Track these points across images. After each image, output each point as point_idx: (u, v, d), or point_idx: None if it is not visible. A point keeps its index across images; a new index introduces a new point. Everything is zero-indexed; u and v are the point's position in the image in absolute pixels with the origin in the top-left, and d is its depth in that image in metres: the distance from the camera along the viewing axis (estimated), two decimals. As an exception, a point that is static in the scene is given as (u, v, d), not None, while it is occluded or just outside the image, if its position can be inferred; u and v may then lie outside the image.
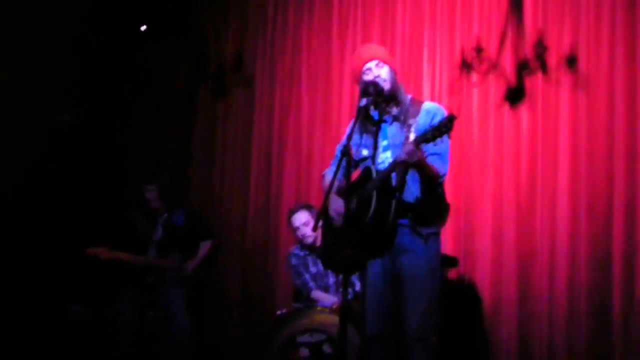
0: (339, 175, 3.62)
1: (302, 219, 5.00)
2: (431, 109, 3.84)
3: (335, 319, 4.25)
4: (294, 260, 5.05)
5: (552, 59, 4.98)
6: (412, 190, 3.72)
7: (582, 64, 4.89)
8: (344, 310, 3.40)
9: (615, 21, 4.85)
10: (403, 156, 3.46)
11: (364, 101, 3.69)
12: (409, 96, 3.94)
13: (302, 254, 5.06)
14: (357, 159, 3.87)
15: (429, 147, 3.56)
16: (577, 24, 4.93)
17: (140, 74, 6.31)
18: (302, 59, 5.85)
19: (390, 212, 3.61)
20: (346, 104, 5.61)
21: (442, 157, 3.73)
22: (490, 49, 5.16)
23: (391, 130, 3.83)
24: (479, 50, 5.21)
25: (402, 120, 3.77)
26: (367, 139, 3.88)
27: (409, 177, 3.71)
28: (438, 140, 3.39)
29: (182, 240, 5.36)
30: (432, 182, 3.69)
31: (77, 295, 5.45)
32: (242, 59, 6.03)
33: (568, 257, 4.81)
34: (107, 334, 5.12)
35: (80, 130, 5.66)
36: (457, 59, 5.27)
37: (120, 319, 5.07)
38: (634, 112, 4.73)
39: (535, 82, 5.01)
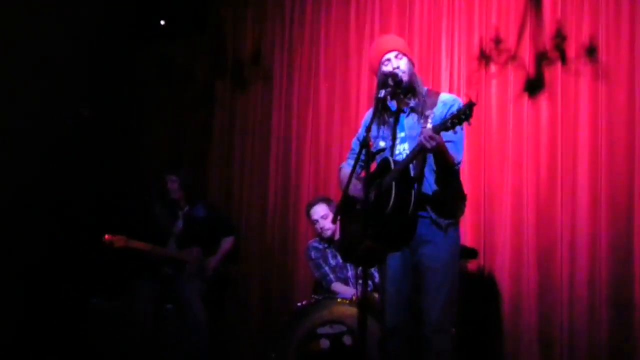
0: (358, 167, 3.63)
1: (321, 212, 5.00)
2: (448, 100, 3.84)
3: (355, 310, 4.27)
4: (313, 253, 5.06)
5: (572, 50, 4.95)
6: (430, 181, 3.73)
7: (601, 54, 4.86)
8: (364, 302, 3.41)
9: (635, 11, 4.81)
10: (421, 142, 3.44)
11: (382, 92, 3.69)
12: (426, 88, 3.94)
13: (321, 246, 5.07)
14: (374, 150, 3.86)
15: (443, 135, 3.55)
16: (597, 14, 4.89)
17: (159, 67, 6.33)
18: (320, 52, 5.84)
19: (410, 203, 3.59)
20: (364, 96, 5.60)
21: (457, 144, 3.73)
22: (509, 40, 5.14)
23: (408, 121, 3.83)
24: (497, 41, 5.18)
25: (420, 111, 3.77)
26: (385, 130, 3.87)
27: (426, 169, 3.71)
28: (458, 127, 3.39)
29: (202, 233, 5.39)
30: (448, 170, 3.70)
31: (96, 287, 5.48)
32: (260, 52, 6.04)
33: (588, 249, 4.79)
34: (124, 326, 5.14)
35: (100, 124, 5.68)
36: (476, 50, 5.25)
37: (137, 311, 5.08)
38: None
39: (554, 73, 4.98)
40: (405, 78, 3.78)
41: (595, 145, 4.83)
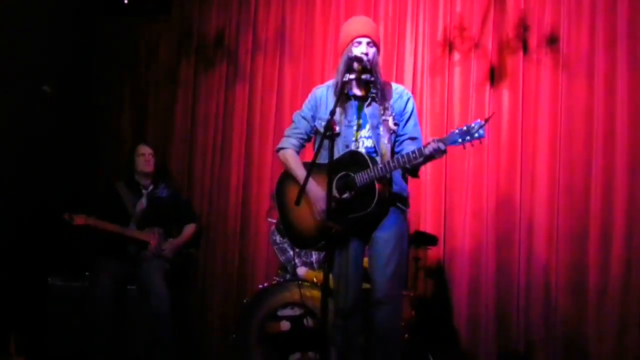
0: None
1: None
2: (403, 93, 3.90)
3: (316, 292, 4.31)
4: (278, 238, 5.06)
5: (534, 39, 5.05)
6: (396, 178, 3.81)
7: (562, 44, 4.97)
8: (326, 286, 3.45)
9: (595, 4, 4.93)
10: (432, 152, 3.51)
11: (347, 76, 3.72)
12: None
13: None
14: (327, 134, 3.84)
15: (406, 129, 3.80)
16: (559, 5, 5.02)
17: (122, 46, 6.25)
18: (285, 35, 5.81)
19: (387, 202, 3.72)
20: (329, 79, 5.60)
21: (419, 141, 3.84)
22: (473, 28, 5.20)
23: (369, 110, 3.83)
24: (461, 29, 5.24)
25: (379, 101, 3.81)
26: (342, 116, 3.85)
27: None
28: (467, 143, 3.46)
29: (165, 213, 5.35)
30: (419, 168, 3.79)
31: (56, 268, 5.41)
32: (224, 33, 5.99)
33: (546, 234, 4.92)
34: (85, 307, 5.08)
35: (62, 102, 5.58)
36: (440, 37, 5.31)
37: (98, 292, 5.02)
38: (613, 92, 4.83)
39: (516, 62, 5.09)
40: (368, 66, 3.78)
41: (555, 133, 4.95)
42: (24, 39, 5.32)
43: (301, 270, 4.91)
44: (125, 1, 5.92)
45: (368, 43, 3.80)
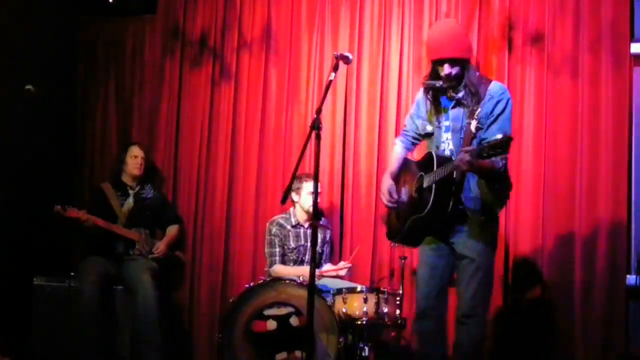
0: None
1: (311, 188, 4.96)
2: (495, 95, 3.82)
3: (302, 292, 4.31)
4: (274, 229, 5.07)
5: (519, 38, 5.07)
6: (472, 183, 3.80)
7: (547, 43, 5.00)
8: (312, 285, 3.47)
9: (580, 1, 4.96)
10: (457, 164, 3.56)
11: (435, 84, 3.86)
12: (477, 73, 3.92)
13: (287, 225, 5.09)
14: (422, 133, 4.05)
15: (489, 132, 3.71)
16: (543, 4, 5.04)
17: (107, 46, 6.22)
18: (271, 34, 5.80)
19: (448, 207, 3.73)
20: (314, 79, 5.60)
21: (503, 121, 3.79)
22: (458, 27, 5.21)
23: (453, 113, 3.87)
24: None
25: (466, 105, 3.81)
26: (433, 115, 3.97)
27: (469, 173, 3.76)
28: (495, 158, 3.46)
29: (151, 214, 5.36)
30: (493, 177, 3.76)
31: (42, 267, 5.38)
32: (210, 33, 5.97)
33: (531, 233, 4.93)
34: (71, 307, 5.06)
35: (47, 102, 5.54)
36: (425, 36, 5.30)
37: (84, 292, 4.99)
38: (598, 91, 4.85)
39: (501, 60, 5.10)
40: (446, 87, 3.84)
41: (540, 132, 4.97)
42: (8, 39, 5.30)
43: (278, 268, 4.94)
44: (111, 0, 5.87)
45: (448, 65, 3.80)
